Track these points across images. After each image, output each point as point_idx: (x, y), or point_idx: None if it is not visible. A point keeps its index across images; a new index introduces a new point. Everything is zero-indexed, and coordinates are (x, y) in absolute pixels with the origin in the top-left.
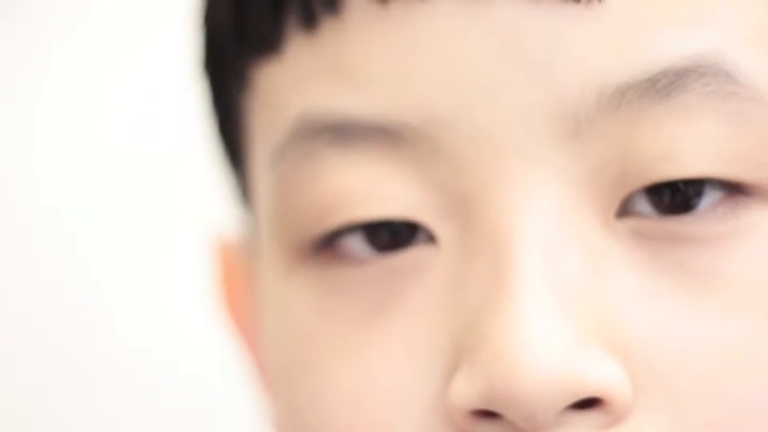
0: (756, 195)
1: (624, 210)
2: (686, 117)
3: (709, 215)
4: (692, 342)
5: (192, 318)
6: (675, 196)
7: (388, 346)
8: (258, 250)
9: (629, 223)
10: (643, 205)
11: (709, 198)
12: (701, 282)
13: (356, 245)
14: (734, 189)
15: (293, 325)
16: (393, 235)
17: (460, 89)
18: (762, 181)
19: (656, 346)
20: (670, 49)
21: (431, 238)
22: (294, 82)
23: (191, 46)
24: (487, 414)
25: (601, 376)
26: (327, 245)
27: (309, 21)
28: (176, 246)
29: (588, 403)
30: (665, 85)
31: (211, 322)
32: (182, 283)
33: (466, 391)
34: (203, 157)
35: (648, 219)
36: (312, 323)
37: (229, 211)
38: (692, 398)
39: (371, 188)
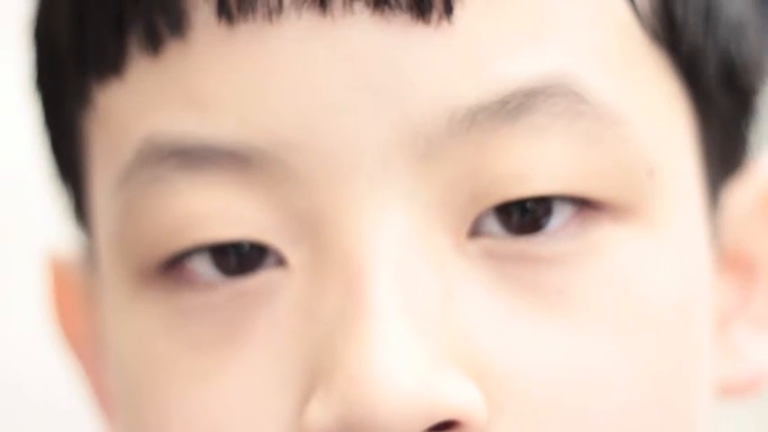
0: (607, 213)
1: (475, 230)
2: (536, 137)
3: (559, 234)
4: (543, 361)
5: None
6: (524, 216)
7: (238, 370)
8: (97, 270)
9: (481, 243)
10: (493, 225)
11: (559, 217)
12: (551, 301)
13: (203, 268)
14: (584, 207)
15: (139, 349)
16: (241, 258)
17: (309, 113)
18: (613, 198)
19: (509, 366)
20: (519, 69)
21: (280, 262)
22: (138, 104)
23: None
24: None
25: (457, 399)
26: (173, 268)
27: (154, 43)
28: (14, 263)
29: (445, 425)
30: (515, 107)
31: (50, 340)
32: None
33: (321, 417)
34: (41, 173)
35: (499, 239)
36: (159, 347)
37: (65, 228)
38: (545, 416)
39: (220, 211)
